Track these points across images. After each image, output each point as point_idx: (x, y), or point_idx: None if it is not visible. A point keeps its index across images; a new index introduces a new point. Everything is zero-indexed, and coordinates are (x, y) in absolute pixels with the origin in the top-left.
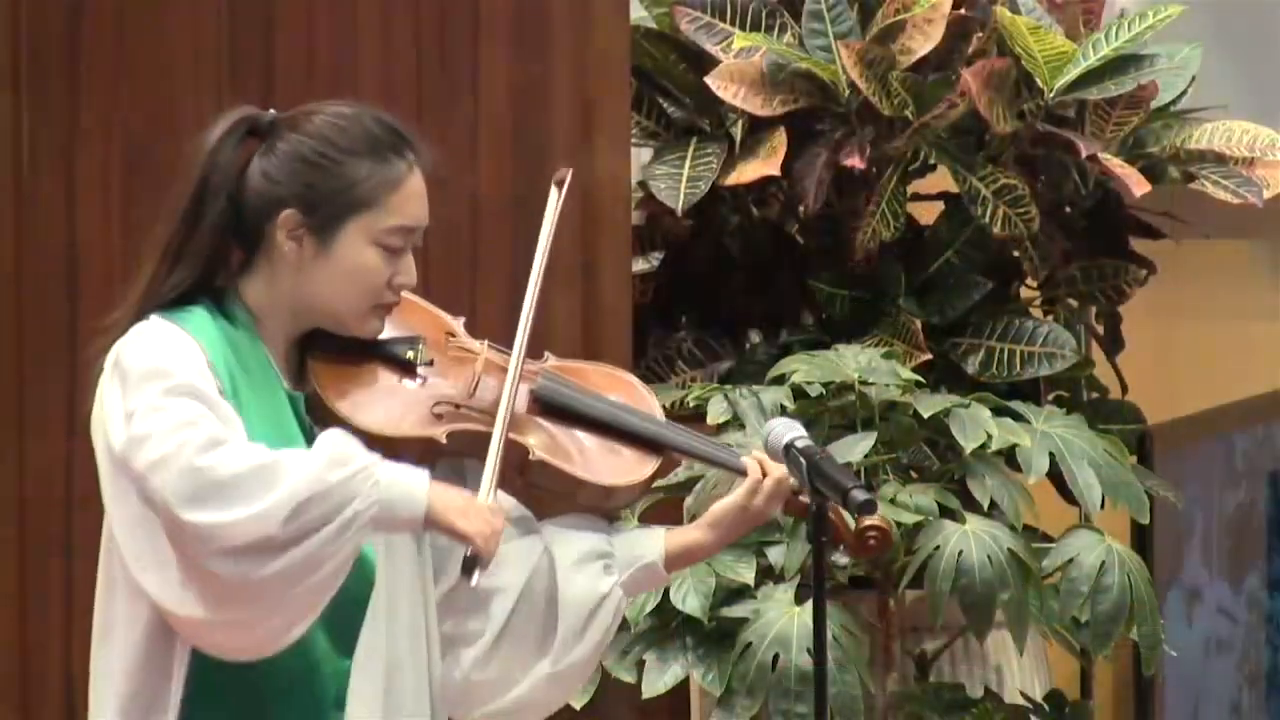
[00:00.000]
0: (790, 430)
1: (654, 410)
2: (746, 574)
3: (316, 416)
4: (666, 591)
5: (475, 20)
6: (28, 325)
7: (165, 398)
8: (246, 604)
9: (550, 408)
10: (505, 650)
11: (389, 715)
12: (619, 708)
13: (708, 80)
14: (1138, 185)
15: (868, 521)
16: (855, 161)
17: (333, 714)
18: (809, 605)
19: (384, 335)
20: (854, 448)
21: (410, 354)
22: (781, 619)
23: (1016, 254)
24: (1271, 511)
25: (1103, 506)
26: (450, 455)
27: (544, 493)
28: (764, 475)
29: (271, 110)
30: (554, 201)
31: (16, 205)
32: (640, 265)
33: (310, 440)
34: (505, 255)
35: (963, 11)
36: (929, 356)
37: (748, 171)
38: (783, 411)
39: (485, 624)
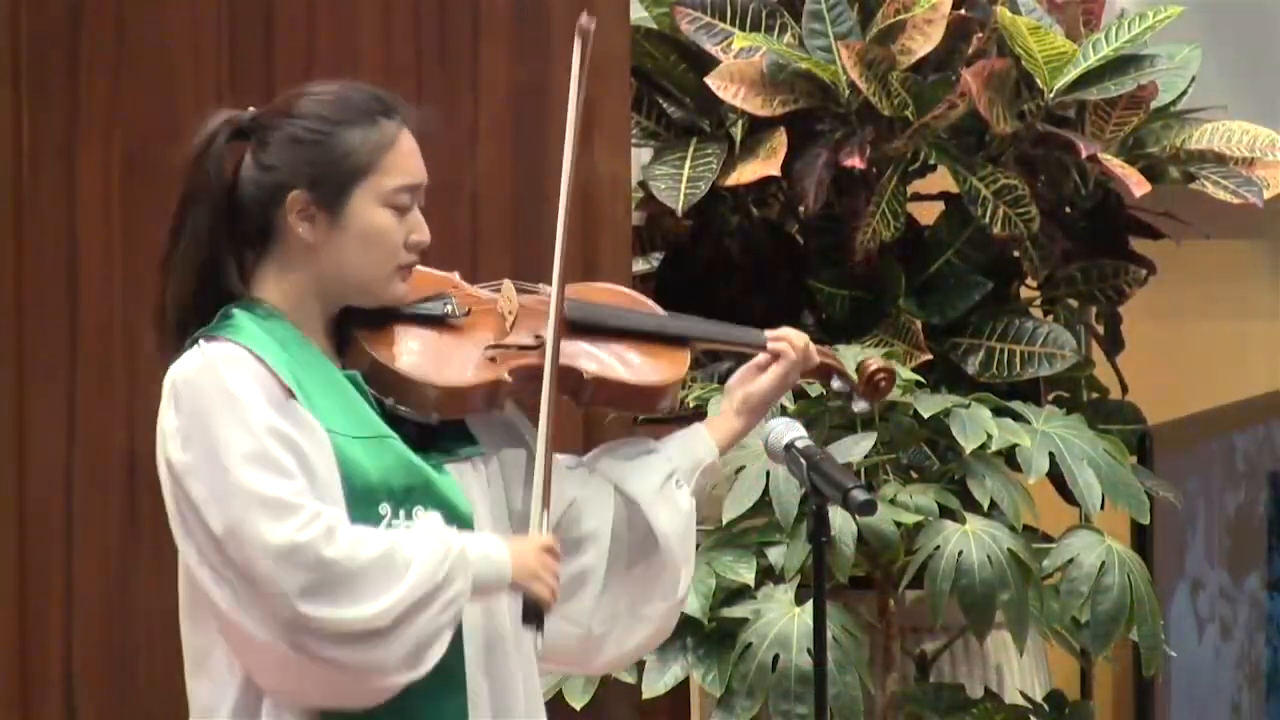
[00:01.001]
0: (790, 430)
1: (658, 310)
2: (746, 574)
3: (377, 389)
4: None
5: (475, 20)
6: (28, 326)
7: (270, 452)
8: (354, 678)
9: (581, 327)
10: (615, 593)
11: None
12: (619, 708)
13: (708, 80)
14: (1138, 185)
15: (874, 366)
16: (855, 162)
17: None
18: (809, 605)
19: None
20: (854, 448)
21: (448, 308)
22: (781, 619)
23: (1016, 254)
24: (1271, 512)
25: (1103, 506)
26: (513, 392)
27: (600, 409)
28: (794, 350)
29: (250, 108)
30: (578, 55)
31: (16, 205)
32: (640, 265)
33: (384, 414)
34: (505, 255)
35: (963, 12)
36: (929, 356)
37: (748, 172)
38: (783, 412)
39: (587, 575)
